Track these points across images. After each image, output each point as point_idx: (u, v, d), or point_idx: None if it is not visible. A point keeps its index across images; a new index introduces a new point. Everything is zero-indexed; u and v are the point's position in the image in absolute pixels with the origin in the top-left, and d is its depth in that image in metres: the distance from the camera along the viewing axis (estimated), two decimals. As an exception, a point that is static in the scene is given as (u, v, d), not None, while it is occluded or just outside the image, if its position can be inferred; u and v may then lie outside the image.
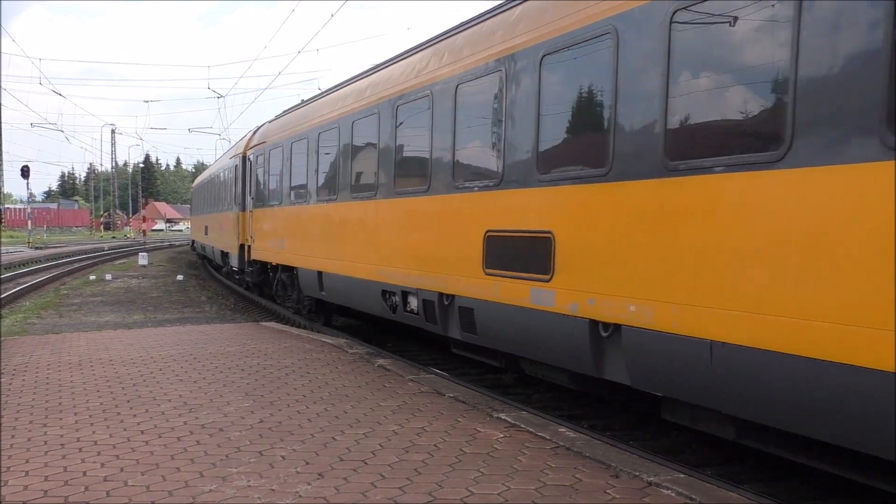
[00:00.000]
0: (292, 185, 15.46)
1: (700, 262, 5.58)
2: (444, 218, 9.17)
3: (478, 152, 8.52)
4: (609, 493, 5.08)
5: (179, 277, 28.58)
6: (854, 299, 4.49)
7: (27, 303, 20.71)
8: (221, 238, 25.50)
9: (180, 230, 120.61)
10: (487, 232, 8.19)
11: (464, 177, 8.73)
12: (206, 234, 32.39)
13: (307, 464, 5.72)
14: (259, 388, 8.40)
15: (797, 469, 6.40)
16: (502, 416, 7.17)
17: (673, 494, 5.03)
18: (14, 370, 9.58)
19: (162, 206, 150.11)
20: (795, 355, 4.82)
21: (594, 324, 6.73)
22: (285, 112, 18.23)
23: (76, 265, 35.62)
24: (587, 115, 6.96)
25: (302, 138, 14.79)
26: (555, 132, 7.35)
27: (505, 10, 8.47)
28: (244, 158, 20.38)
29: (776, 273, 4.97)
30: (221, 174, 26.41)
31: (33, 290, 24.34)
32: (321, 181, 13.65)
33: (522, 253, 7.64)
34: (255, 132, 20.45)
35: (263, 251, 18.01)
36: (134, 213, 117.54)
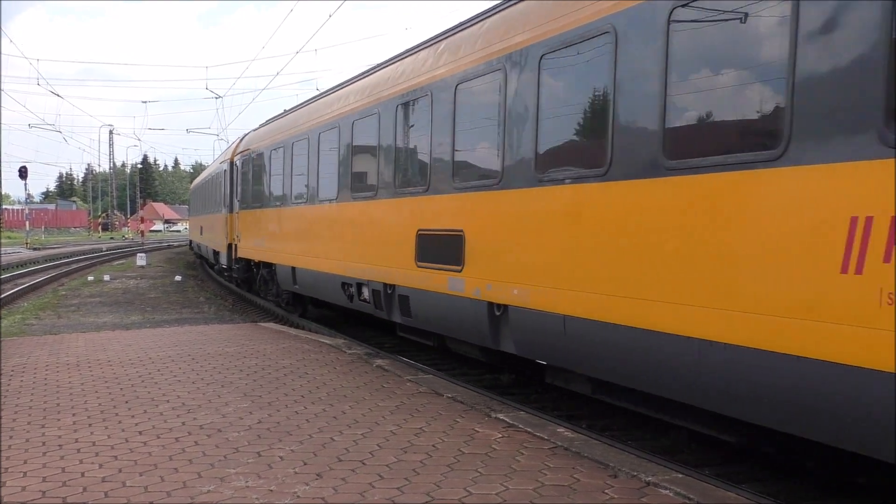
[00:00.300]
0: (271, 189, 17.18)
1: (561, 254, 7.04)
2: (387, 219, 10.76)
3: (413, 164, 10.11)
4: (607, 493, 5.08)
5: (178, 278, 28.57)
6: (617, 274, 6.26)
7: (25, 304, 20.69)
8: (213, 238, 26.95)
9: (178, 231, 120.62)
10: (419, 231, 9.66)
11: (402, 184, 10.27)
12: (201, 234, 34.05)
13: (305, 464, 5.72)
14: (257, 388, 8.40)
15: (795, 469, 6.41)
16: (500, 416, 7.18)
17: (671, 494, 5.04)
18: (12, 371, 9.57)
19: (160, 207, 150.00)
20: (620, 325, 6.21)
21: (491, 305, 8.21)
22: (268, 121, 19.87)
23: (74, 266, 35.59)
24: (485, 136, 8.44)
25: (279, 146, 16.45)
26: (466, 147, 8.85)
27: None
28: (231, 164, 21.97)
29: (606, 262, 6.42)
30: (214, 178, 27.92)
31: (31, 290, 24.32)
32: (295, 186, 15.25)
33: (443, 248, 9.09)
34: (241, 139, 21.83)
35: (248, 249, 19.63)
36: (132, 213, 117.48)
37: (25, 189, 61.71)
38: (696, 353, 5.49)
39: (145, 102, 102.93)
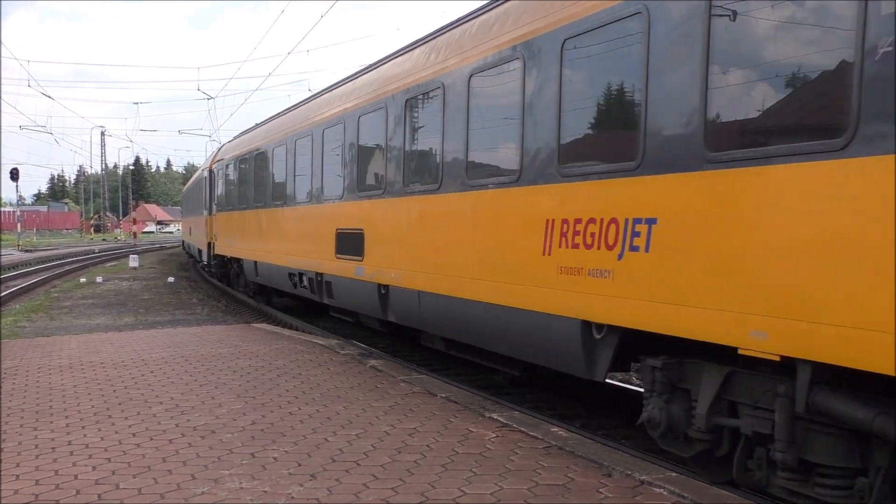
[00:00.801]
0: (238, 194, 20.24)
1: (414, 246, 9.53)
2: (317, 220, 13.46)
3: (331, 178, 12.87)
4: (601, 493, 5.09)
5: (170, 279, 28.51)
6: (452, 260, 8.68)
7: (17, 306, 20.61)
8: (198, 237, 29.89)
9: (171, 232, 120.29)
10: (337, 229, 12.19)
11: (324, 193, 13.15)
12: (190, 234, 37.51)
13: (299, 465, 5.71)
14: (251, 389, 8.38)
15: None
16: (494, 415, 7.18)
17: (665, 493, 5.05)
18: (4, 373, 9.53)
19: (152, 208, 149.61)
20: (449, 296, 8.60)
21: (379, 286, 10.59)
22: (241, 133, 22.81)
23: (66, 268, 35.47)
24: (377, 156, 10.90)
25: (244, 157, 19.53)
26: (367, 164, 11.33)
27: None
28: (210, 171, 25.09)
29: (437, 252, 8.92)
30: (197, 183, 31.28)
31: (24, 293, 24.22)
32: (255, 192, 18.12)
33: (351, 243, 11.59)
34: (219, 149, 25.13)
35: (222, 247, 22.76)
36: (124, 215, 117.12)
37: (17, 191, 61.48)
38: (482, 310, 7.97)
39: (137, 104, 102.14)
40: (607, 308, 6.17)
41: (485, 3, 8.87)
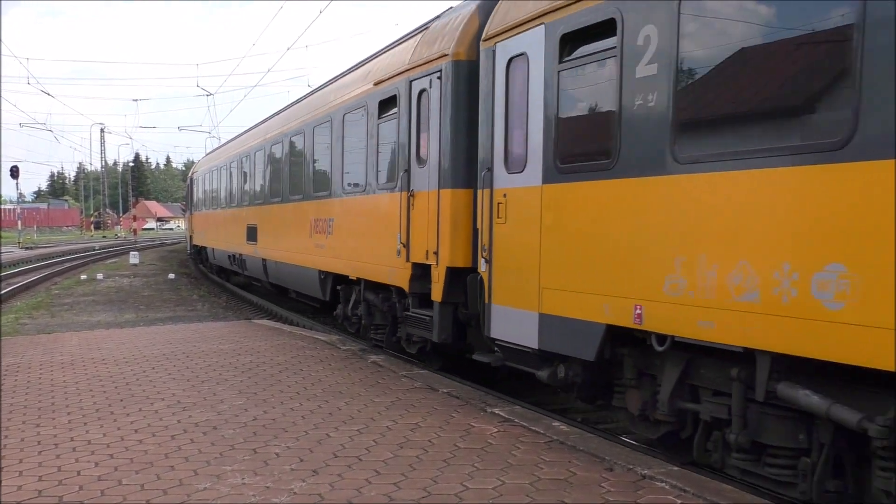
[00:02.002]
0: (203, 199, 29.01)
1: (275, 234, 16.72)
2: (237, 219, 20.95)
3: (239, 191, 21.08)
4: (603, 487, 5.10)
5: (171, 276, 28.52)
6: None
7: (18, 303, 20.63)
8: (188, 232, 38.11)
9: (171, 229, 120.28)
10: (246, 225, 19.40)
11: (238, 201, 20.92)
12: (189, 229, 43.87)
13: (301, 461, 5.72)
14: (252, 385, 8.39)
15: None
16: (496, 410, 7.19)
17: (667, 487, 5.06)
18: (6, 370, 9.54)
19: (152, 205, 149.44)
20: (287, 262, 15.61)
21: (264, 260, 17.58)
22: (215, 148, 31.76)
23: (67, 265, 35.47)
24: (259, 178, 18.67)
25: (209, 170, 27.36)
26: (258, 183, 18.72)
27: None
28: (190, 179, 34.40)
29: (279, 238, 16.36)
30: (187, 188, 38.84)
31: (25, 290, 24.24)
32: (210, 198, 26.67)
33: (252, 232, 18.74)
34: (196, 163, 31.47)
35: (197, 238, 30.90)
36: (124, 212, 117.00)
37: (17, 188, 61.40)
38: (297, 269, 14.71)
39: (136, 101, 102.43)
40: (325, 263, 13.00)
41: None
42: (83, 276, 28.98)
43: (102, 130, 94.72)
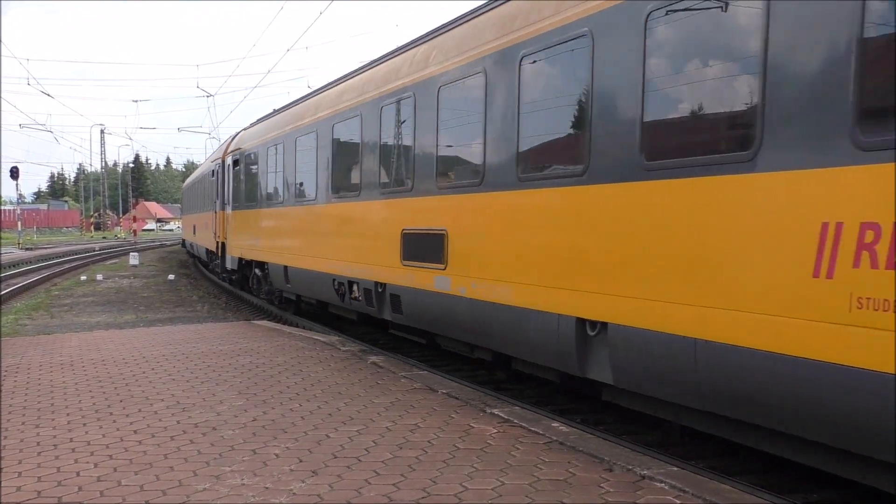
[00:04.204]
0: (189, 205, 35.74)
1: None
2: (207, 224, 25.23)
3: (205, 199, 25.82)
4: (603, 487, 5.10)
5: (171, 277, 28.52)
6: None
7: (18, 304, 20.62)
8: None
9: (171, 230, 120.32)
10: (194, 225, 32.21)
11: (200, 206, 27.97)
12: (194, 233, 45.59)
13: (301, 461, 5.72)
14: (252, 386, 8.39)
15: (788, 462, 6.43)
16: (495, 411, 7.19)
17: (666, 487, 5.06)
18: (5, 371, 9.54)
19: (152, 206, 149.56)
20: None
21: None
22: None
23: (67, 266, 35.47)
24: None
25: (189, 187, 35.62)
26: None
27: None
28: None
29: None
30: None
31: (24, 290, 24.24)
32: (196, 205, 31.21)
33: (206, 231, 25.38)
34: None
35: (186, 236, 39.61)
36: (124, 213, 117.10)
37: (17, 189, 61.35)
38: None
39: (136, 101, 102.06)
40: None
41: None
42: (83, 277, 28.98)
43: (102, 131, 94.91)
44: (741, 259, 5.14)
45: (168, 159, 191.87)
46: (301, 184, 14.87)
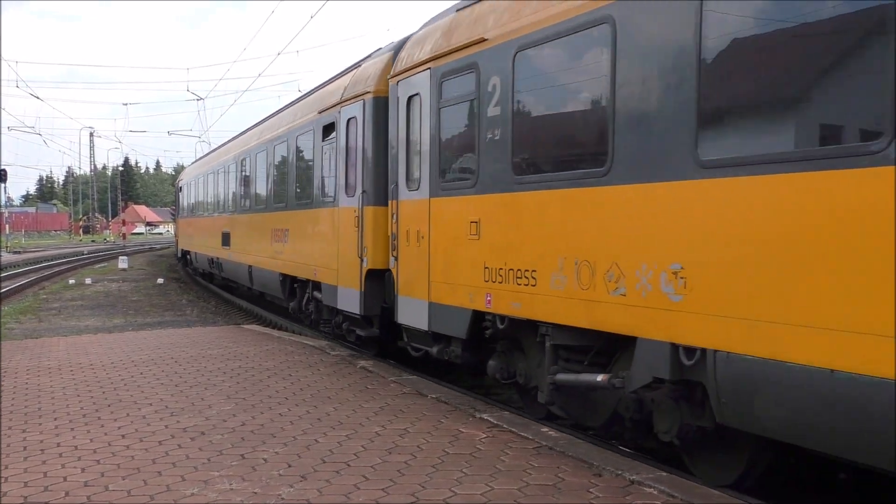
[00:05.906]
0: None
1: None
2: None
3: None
4: (592, 492, 5.10)
5: (160, 281, 28.42)
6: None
7: (5, 307, 20.49)
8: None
9: (160, 233, 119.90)
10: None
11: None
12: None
13: (290, 466, 5.70)
14: (241, 390, 8.36)
15: (782, 468, 6.45)
16: (485, 416, 7.19)
17: (655, 492, 5.07)
18: (-8, 375, 9.48)
19: (142, 209, 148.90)
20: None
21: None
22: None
23: (55, 269, 35.30)
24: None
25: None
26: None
27: None
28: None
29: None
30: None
31: (12, 294, 24.09)
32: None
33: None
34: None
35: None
36: (114, 216, 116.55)
37: (5, 192, 61.11)
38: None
39: (126, 105, 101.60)
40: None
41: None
42: (71, 281, 28.84)
43: (92, 134, 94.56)
44: None
45: (158, 163, 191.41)
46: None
